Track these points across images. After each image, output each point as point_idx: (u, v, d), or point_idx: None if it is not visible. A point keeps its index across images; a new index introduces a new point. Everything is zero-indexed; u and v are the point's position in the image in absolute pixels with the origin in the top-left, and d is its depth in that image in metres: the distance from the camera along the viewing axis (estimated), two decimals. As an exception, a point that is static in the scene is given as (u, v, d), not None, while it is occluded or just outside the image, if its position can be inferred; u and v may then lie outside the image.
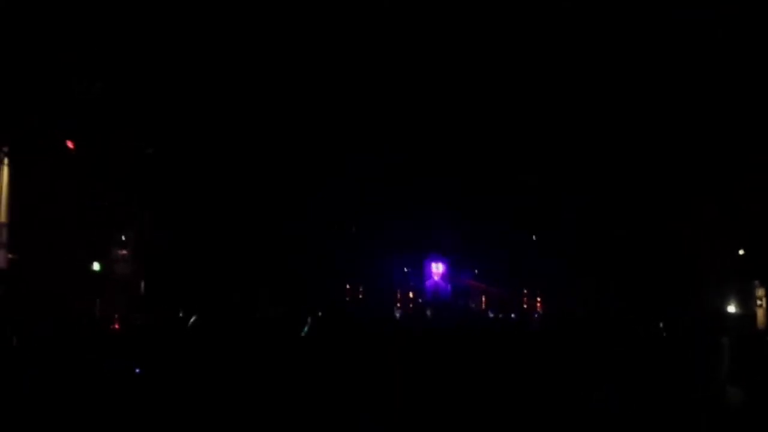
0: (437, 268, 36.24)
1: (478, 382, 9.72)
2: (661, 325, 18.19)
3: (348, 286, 32.42)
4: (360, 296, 32.74)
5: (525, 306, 33.20)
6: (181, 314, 15.00)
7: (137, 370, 9.08)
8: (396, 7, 20.00)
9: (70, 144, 16.52)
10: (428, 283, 35.94)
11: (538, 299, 33.34)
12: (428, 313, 30.71)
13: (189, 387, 8.52)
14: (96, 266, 19.38)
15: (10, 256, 16.96)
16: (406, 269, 35.06)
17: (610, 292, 25.91)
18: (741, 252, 25.30)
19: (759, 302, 24.79)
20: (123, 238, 19.89)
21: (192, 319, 12.63)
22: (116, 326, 16.16)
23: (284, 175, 23.68)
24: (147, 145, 18.35)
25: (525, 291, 33.72)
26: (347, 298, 31.96)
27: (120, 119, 17.14)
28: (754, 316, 24.53)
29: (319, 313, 12.82)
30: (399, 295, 34.15)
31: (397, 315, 31.39)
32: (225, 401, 8.13)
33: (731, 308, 25.23)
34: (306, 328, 12.19)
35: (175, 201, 19.87)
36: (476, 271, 35.06)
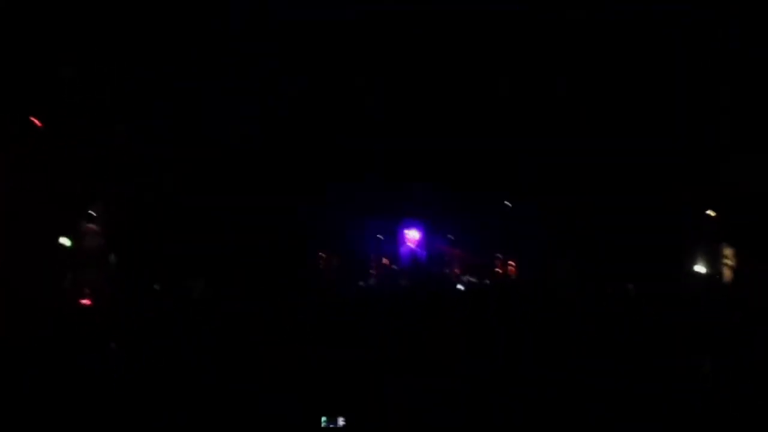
0: (412, 235, 36.30)
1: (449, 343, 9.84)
2: (630, 286, 18.53)
3: (322, 255, 32.40)
4: (334, 264, 32.75)
5: (499, 272, 33.46)
6: (156, 287, 15.01)
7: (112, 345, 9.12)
8: None
9: (36, 121, 16.24)
10: (403, 249, 36.02)
11: (512, 265, 33.59)
12: (402, 281, 30.93)
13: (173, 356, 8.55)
14: (65, 241, 19.18)
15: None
16: (380, 236, 35.08)
17: (581, 256, 26.18)
18: (710, 213, 25.64)
19: (726, 261, 25.22)
20: (91, 212, 19.68)
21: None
22: (88, 301, 16.11)
23: (251, 141, 23.45)
24: (115, 121, 18.12)
25: (499, 257, 33.94)
26: (320, 267, 31.97)
27: (88, 96, 16.89)
28: (721, 275, 25.02)
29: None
30: (374, 263, 34.21)
31: (371, 282, 31.57)
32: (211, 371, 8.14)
33: (700, 268, 25.65)
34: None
35: (142, 174, 19.68)
36: (451, 237, 35.18)
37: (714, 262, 25.51)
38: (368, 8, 21.04)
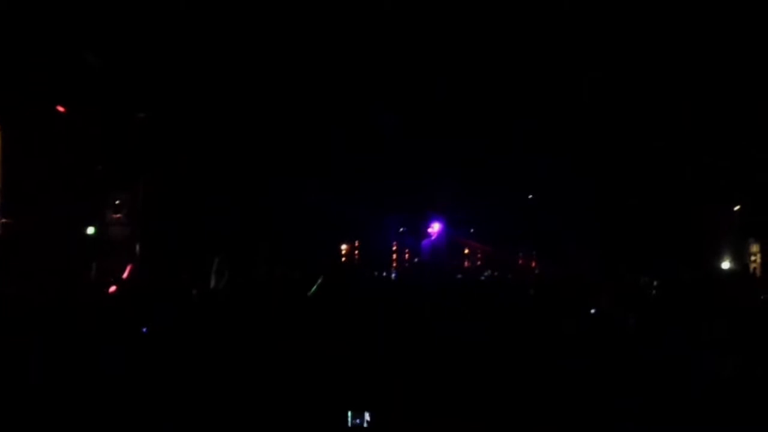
0: (433, 228, 36.25)
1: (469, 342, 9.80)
2: (654, 283, 18.33)
3: (344, 246, 32.49)
4: (356, 256, 32.82)
5: (521, 266, 33.33)
6: (184, 276, 15.09)
7: (144, 330, 9.13)
8: None
9: (61, 109, 16.34)
10: (424, 242, 35.98)
11: (533, 260, 33.46)
12: (422, 273, 30.89)
13: (198, 348, 8.56)
14: (90, 230, 19.33)
15: (3, 220, 16.90)
16: (401, 228, 35.09)
17: (604, 251, 26.02)
18: (736, 208, 25.38)
19: (753, 258, 24.96)
20: (117, 201, 19.81)
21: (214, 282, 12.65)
22: (114, 289, 16.20)
23: (279, 133, 23.51)
24: (139, 109, 18.20)
25: (521, 251, 33.81)
26: (343, 258, 32.04)
27: (112, 84, 16.97)
28: (747, 270, 24.73)
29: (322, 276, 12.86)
30: (395, 255, 34.24)
31: (393, 275, 31.58)
32: (232, 364, 8.14)
33: (726, 265, 25.38)
34: (314, 288, 12.24)
35: (168, 163, 19.78)
36: (472, 230, 35.11)
37: (740, 258, 25.25)
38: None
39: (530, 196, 30.79)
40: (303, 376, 7.91)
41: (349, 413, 6.79)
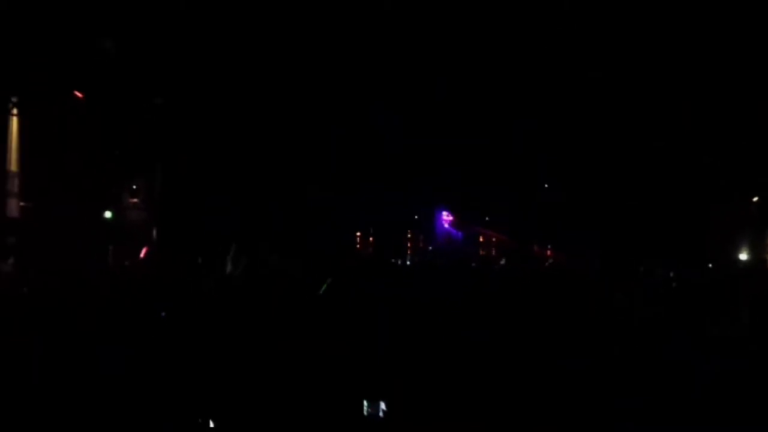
0: (448, 216, 36.28)
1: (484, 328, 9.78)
2: (671, 274, 18.22)
3: (358, 234, 32.54)
4: (371, 245, 32.87)
5: (536, 255, 33.22)
6: (199, 260, 15.17)
7: (162, 314, 9.17)
8: None
9: (78, 94, 16.42)
10: (439, 230, 36.02)
11: (548, 249, 33.36)
12: (436, 261, 30.90)
13: (212, 333, 8.59)
14: (108, 214, 19.47)
15: (22, 204, 17.04)
16: (416, 217, 35.09)
17: (619, 242, 25.90)
18: (755, 199, 25.18)
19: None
20: (134, 186, 19.93)
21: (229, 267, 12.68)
22: (130, 273, 16.32)
23: (294, 123, 23.54)
24: (156, 95, 18.25)
25: (536, 241, 33.69)
26: (357, 246, 32.09)
27: (130, 70, 17.01)
28: (765, 262, 24.53)
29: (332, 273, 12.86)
30: (410, 243, 34.27)
31: (407, 261, 31.60)
32: (245, 350, 8.16)
33: (743, 256, 25.21)
34: (324, 287, 12.23)
35: (184, 150, 19.85)
36: (487, 218, 35.05)
37: (758, 250, 25.06)
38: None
39: (546, 186, 30.66)
40: (317, 370, 7.94)
41: (365, 402, 6.79)
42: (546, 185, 30.89)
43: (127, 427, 6.55)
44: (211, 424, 6.73)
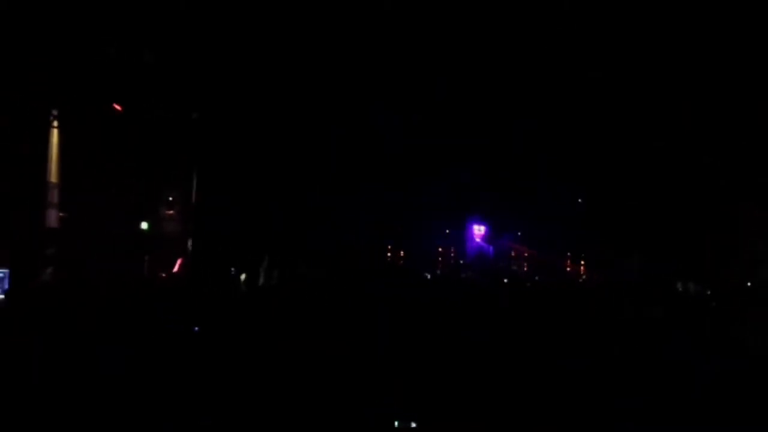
0: (479, 230, 36.15)
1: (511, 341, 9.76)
2: (708, 292, 18.01)
3: (389, 248, 32.56)
4: (401, 258, 32.87)
5: (568, 270, 32.94)
6: (232, 270, 15.38)
7: (195, 329, 9.28)
8: None
9: (117, 107, 16.73)
10: (470, 245, 35.90)
11: (582, 264, 33.04)
12: (466, 274, 30.82)
13: (245, 342, 8.68)
14: (144, 225, 19.74)
15: (61, 214, 17.34)
16: (447, 231, 35.03)
17: (654, 257, 25.61)
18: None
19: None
20: (170, 198, 20.21)
21: (243, 276, 12.91)
22: (165, 284, 16.55)
23: (327, 135, 23.71)
24: (192, 109, 18.54)
25: (569, 255, 33.41)
26: (388, 259, 32.12)
27: (166, 84, 17.31)
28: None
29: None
30: (440, 257, 34.20)
31: (438, 275, 31.55)
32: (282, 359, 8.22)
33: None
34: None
35: (218, 163, 20.10)
36: (519, 233, 34.85)
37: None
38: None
39: (579, 200, 30.43)
40: (349, 376, 7.99)
41: (396, 422, 6.80)
42: (579, 200, 30.68)
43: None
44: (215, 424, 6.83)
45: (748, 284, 21.65)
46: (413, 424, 6.71)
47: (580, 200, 30.39)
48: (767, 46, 20.11)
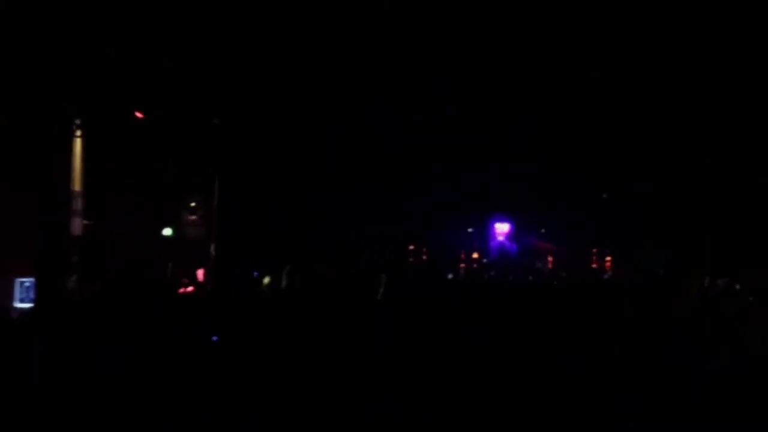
0: (502, 228, 35.95)
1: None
2: (737, 287, 17.68)
3: (411, 247, 32.49)
4: (423, 257, 32.78)
5: (594, 267, 32.61)
6: (255, 274, 15.46)
7: (214, 338, 9.28)
8: None
9: (139, 114, 16.83)
10: (493, 243, 35.72)
11: (608, 260, 32.68)
12: (489, 274, 30.69)
13: (268, 349, 8.68)
14: (167, 231, 19.88)
15: (85, 222, 17.49)
16: (470, 229, 34.87)
17: (682, 254, 25.29)
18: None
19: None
20: (193, 204, 20.34)
21: (266, 280, 12.93)
22: (189, 290, 16.64)
23: (348, 137, 23.72)
24: (214, 115, 18.62)
25: (594, 251, 33.04)
26: (410, 259, 32.06)
27: (188, 91, 17.38)
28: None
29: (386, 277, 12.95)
30: (463, 256, 34.03)
31: (460, 275, 31.44)
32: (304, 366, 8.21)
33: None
34: (381, 290, 12.31)
35: (241, 168, 20.19)
36: (543, 230, 34.60)
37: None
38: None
39: (604, 195, 30.13)
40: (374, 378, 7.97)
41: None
42: (605, 195, 30.39)
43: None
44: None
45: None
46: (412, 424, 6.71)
47: (604, 195, 30.11)
48: (767, 46, 19.82)
